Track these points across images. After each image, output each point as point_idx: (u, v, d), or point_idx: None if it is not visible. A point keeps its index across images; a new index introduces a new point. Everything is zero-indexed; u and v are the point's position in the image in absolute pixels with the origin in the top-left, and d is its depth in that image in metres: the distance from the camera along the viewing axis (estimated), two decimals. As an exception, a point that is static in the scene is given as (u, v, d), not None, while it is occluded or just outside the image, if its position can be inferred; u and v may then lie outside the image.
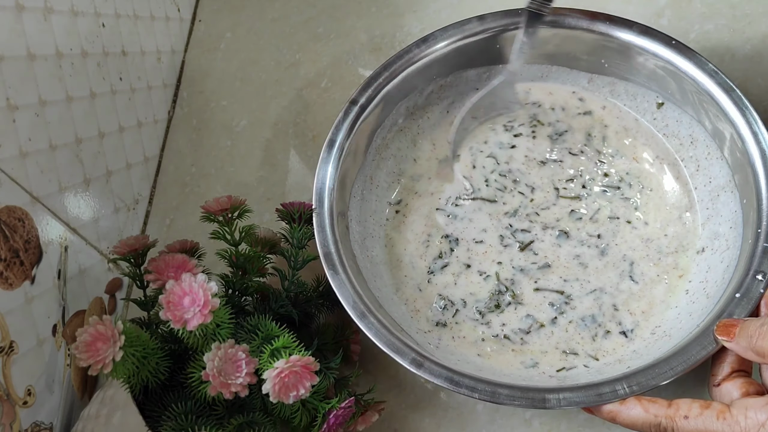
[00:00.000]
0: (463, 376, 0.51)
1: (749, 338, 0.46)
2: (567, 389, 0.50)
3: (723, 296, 0.52)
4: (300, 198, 0.61)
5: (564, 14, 0.60)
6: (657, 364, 0.50)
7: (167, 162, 0.74)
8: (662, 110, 0.62)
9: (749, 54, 0.66)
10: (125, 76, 0.67)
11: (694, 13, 0.68)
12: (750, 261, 0.52)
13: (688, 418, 0.45)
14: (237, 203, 0.58)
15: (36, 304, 0.51)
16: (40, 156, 0.54)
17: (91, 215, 0.61)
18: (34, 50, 0.54)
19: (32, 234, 0.52)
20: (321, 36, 0.76)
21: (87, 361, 0.49)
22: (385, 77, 0.61)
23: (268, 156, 0.72)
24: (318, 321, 0.61)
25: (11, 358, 0.47)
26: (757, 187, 0.54)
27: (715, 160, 0.59)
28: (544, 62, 0.64)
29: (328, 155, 0.60)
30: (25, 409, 0.48)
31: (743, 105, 0.55)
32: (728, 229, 0.57)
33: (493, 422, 0.58)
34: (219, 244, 0.59)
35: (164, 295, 0.50)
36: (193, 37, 0.80)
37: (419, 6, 0.75)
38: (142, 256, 0.58)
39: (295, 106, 0.74)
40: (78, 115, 0.59)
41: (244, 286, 0.58)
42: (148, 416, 0.51)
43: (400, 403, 0.60)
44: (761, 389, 0.47)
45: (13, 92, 0.51)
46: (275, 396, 0.49)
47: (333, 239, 0.57)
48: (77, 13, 0.60)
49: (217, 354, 0.50)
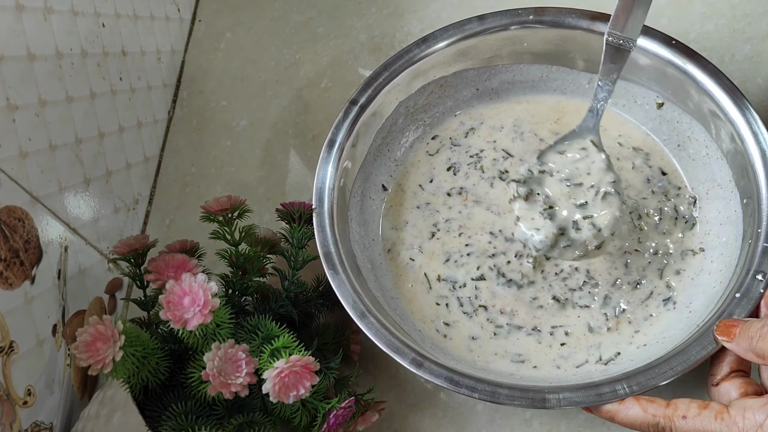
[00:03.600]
0: (463, 376, 0.51)
1: (750, 339, 0.46)
2: (567, 389, 0.50)
3: (723, 296, 0.52)
4: (300, 198, 0.61)
5: (564, 14, 0.61)
6: (657, 364, 0.50)
7: (167, 162, 0.74)
8: (662, 110, 0.62)
9: (749, 54, 0.66)
10: (125, 76, 0.67)
11: (694, 13, 0.68)
12: (750, 261, 0.52)
13: (686, 419, 0.45)
14: (237, 203, 0.58)
15: (36, 304, 0.51)
16: (40, 156, 0.54)
17: (91, 215, 0.61)
18: (34, 50, 0.54)
19: (32, 234, 0.52)
20: (321, 36, 0.76)
21: (87, 361, 0.49)
22: (385, 77, 0.61)
23: (268, 156, 0.72)
24: (318, 321, 0.61)
25: (11, 358, 0.47)
26: (757, 187, 0.54)
27: (715, 160, 0.59)
28: (544, 62, 0.64)
29: (328, 155, 0.60)
30: (25, 409, 0.48)
31: (743, 105, 0.55)
32: (728, 228, 0.57)
33: (493, 422, 0.58)
34: (219, 244, 0.59)
35: (164, 295, 0.50)
36: (193, 37, 0.80)
37: (419, 6, 0.75)
38: (142, 256, 0.58)
39: (295, 106, 0.74)
40: (78, 115, 0.59)
41: (244, 286, 0.58)
42: (148, 416, 0.51)
43: (400, 403, 0.60)
44: (760, 389, 0.47)
45: (13, 92, 0.51)
46: (275, 396, 0.49)
47: (333, 239, 0.57)
48: (77, 13, 0.60)
49: (217, 354, 0.50)
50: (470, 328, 0.59)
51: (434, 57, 0.62)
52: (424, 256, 0.62)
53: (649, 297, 0.58)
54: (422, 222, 0.63)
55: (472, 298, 0.60)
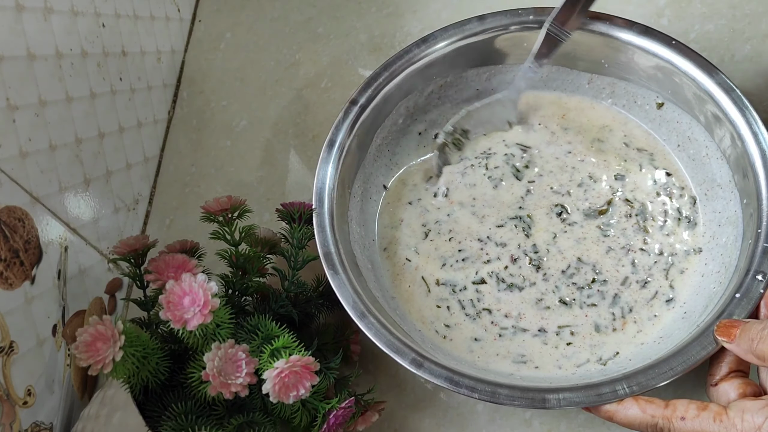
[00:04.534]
0: (463, 376, 0.51)
1: (750, 341, 0.46)
2: (567, 389, 0.50)
3: (723, 296, 0.52)
4: (300, 198, 0.61)
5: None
6: (657, 364, 0.50)
7: (167, 162, 0.74)
8: (662, 110, 0.62)
9: (749, 54, 0.66)
10: (125, 76, 0.67)
11: (694, 13, 0.68)
12: (750, 261, 0.52)
13: (685, 420, 0.45)
14: (237, 203, 0.58)
15: (36, 304, 0.51)
16: (40, 156, 0.54)
17: (91, 215, 0.61)
18: (34, 50, 0.54)
19: (32, 234, 0.52)
20: (321, 36, 0.76)
21: (87, 361, 0.49)
22: (385, 77, 0.61)
23: (268, 156, 0.72)
24: (318, 321, 0.61)
25: (11, 358, 0.47)
26: (757, 187, 0.54)
27: (714, 160, 0.59)
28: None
29: (328, 155, 0.60)
30: (25, 409, 0.48)
31: (743, 105, 0.55)
32: (728, 229, 0.57)
33: (493, 422, 0.58)
34: (219, 244, 0.59)
35: (164, 295, 0.50)
36: (193, 37, 0.80)
37: (419, 6, 0.75)
38: (142, 256, 0.58)
39: (295, 106, 0.74)
40: (78, 115, 0.59)
41: (244, 286, 0.58)
42: (148, 416, 0.51)
43: (400, 403, 0.60)
44: (758, 390, 0.47)
45: (13, 92, 0.51)
46: (275, 396, 0.49)
47: (333, 239, 0.57)
48: (77, 13, 0.60)
49: (217, 354, 0.50)
50: (473, 330, 0.58)
51: (434, 57, 0.62)
52: (420, 258, 0.61)
53: (654, 297, 0.58)
54: (415, 221, 0.63)
55: (475, 301, 0.59)
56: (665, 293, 0.58)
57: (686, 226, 0.60)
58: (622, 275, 0.59)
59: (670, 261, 0.59)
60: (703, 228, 0.59)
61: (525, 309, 0.58)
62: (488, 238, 0.61)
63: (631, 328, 0.57)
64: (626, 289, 0.58)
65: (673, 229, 0.60)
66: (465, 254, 0.61)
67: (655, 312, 0.57)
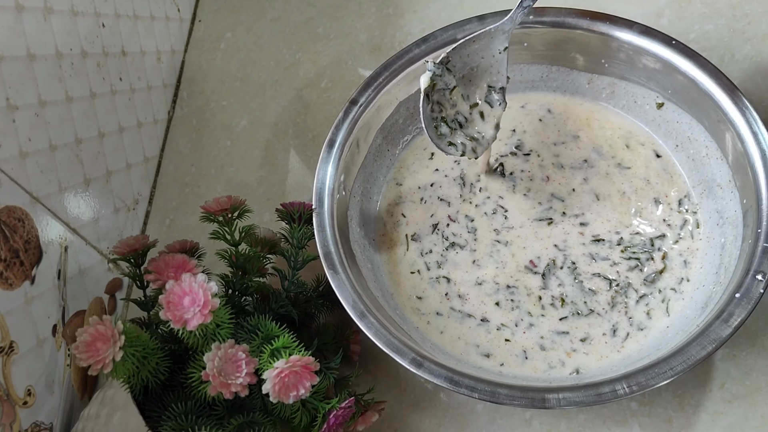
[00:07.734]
0: (463, 376, 0.51)
1: None
2: (567, 389, 0.50)
3: (723, 296, 0.52)
4: (300, 198, 0.61)
5: (564, 14, 0.61)
6: (657, 364, 0.50)
7: (167, 162, 0.74)
8: (662, 110, 0.62)
9: (749, 54, 0.66)
10: (125, 76, 0.67)
11: (694, 13, 0.68)
12: (750, 261, 0.52)
13: None
14: (237, 203, 0.58)
15: (36, 304, 0.51)
16: (40, 156, 0.54)
17: (91, 215, 0.61)
18: (34, 50, 0.54)
19: (32, 234, 0.52)
20: (321, 36, 0.76)
21: (87, 361, 0.49)
22: (385, 77, 0.62)
23: (268, 156, 0.72)
24: (318, 321, 0.61)
25: (11, 358, 0.47)
26: (757, 187, 0.54)
27: (714, 160, 0.59)
28: (544, 62, 0.64)
29: (328, 155, 0.60)
30: (25, 409, 0.48)
31: (743, 105, 0.55)
32: (728, 229, 0.57)
33: (493, 422, 0.58)
34: (219, 244, 0.59)
35: (164, 295, 0.50)
36: (193, 37, 0.80)
37: (419, 6, 0.75)
38: (142, 256, 0.58)
39: (295, 106, 0.74)
40: (78, 115, 0.59)
41: (244, 286, 0.58)
42: (148, 416, 0.51)
43: (400, 403, 0.60)
44: None
45: (13, 92, 0.51)
46: (275, 396, 0.49)
47: (333, 239, 0.57)
48: (77, 13, 0.60)
49: (217, 354, 0.50)
50: (470, 327, 0.59)
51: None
52: (423, 256, 0.62)
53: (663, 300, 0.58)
54: (422, 222, 0.63)
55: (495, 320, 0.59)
56: (668, 294, 0.58)
57: (688, 226, 0.60)
58: (629, 280, 0.59)
59: (673, 263, 0.59)
60: (703, 228, 0.59)
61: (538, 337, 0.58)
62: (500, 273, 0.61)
63: (634, 329, 0.57)
64: (632, 292, 0.58)
65: (676, 230, 0.60)
66: (459, 249, 0.61)
67: (658, 312, 0.57)
